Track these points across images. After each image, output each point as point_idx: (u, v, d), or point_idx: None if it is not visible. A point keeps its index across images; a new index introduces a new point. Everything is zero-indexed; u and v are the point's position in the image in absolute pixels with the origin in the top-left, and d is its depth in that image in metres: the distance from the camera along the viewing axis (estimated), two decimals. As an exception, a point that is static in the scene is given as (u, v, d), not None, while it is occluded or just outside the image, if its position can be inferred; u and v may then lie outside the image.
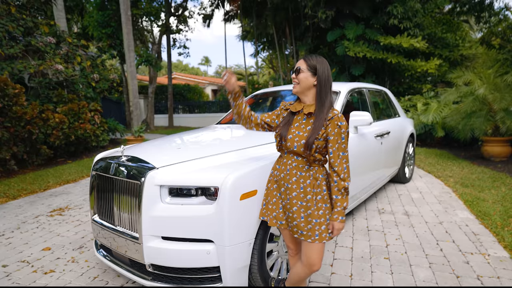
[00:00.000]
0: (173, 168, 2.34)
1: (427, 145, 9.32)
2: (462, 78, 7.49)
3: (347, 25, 11.28)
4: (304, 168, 1.95)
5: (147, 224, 2.24)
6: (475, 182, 5.30)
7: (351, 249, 3.22)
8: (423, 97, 9.94)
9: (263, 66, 31.08)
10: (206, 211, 2.17)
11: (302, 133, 1.93)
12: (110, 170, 2.50)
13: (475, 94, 6.81)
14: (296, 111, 2.01)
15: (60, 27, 10.06)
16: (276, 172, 2.08)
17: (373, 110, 4.49)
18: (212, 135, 3.51)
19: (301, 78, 1.94)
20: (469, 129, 6.78)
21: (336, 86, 3.92)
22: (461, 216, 3.96)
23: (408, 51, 10.78)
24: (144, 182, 2.25)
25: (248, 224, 2.26)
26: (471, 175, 5.81)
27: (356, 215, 4.11)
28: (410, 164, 5.69)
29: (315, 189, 1.93)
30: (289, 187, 1.97)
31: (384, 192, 5.03)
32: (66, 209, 4.61)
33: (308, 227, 1.93)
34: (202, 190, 2.29)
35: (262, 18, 17.76)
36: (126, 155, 2.58)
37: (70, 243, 3.52)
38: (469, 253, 3.04)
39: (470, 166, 6.53)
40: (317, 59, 1.96)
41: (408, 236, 3.46)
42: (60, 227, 3.95)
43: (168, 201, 2.27)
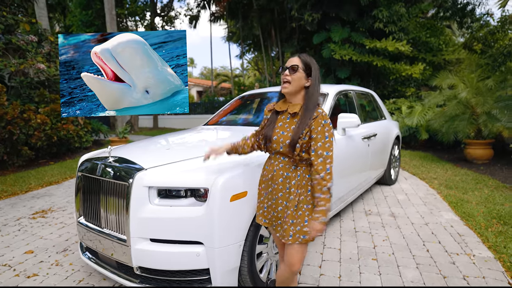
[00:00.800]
0: (162, 169, 2.31)
1: (412, 147, 9.49)
2: (446, 82, 7.65)
3: (333, 28, 11.37)
4: (290, 169, 1.91)
5: (135, 226, 2.20)
6: (459, 184, 5.41)
7: (339, 251, 3.23)
8: (408, 100, 10.11)
9: (249, 68, 31.10)
10: (195, 213, 2.15)
11: (286, 132, 1.90)
12: (97, 171, 2.45)
13: (459, 97, 6.97)
14: (281, 110, 1.97)
15: (42, 25, 9.84)
16: (265, 172, 2.06)
17: (360, 113, 4.53)
18: (200, 136, 3.48)
19: (295, 77, 1.87)
20: (452, 132, 6.92)
21: (324, 88, 3.92)
22: (446, 217, 4.04)
23: (393, 54, 10.94)
24: (132, 184, 2.21)
25: (238, 226, 2.24)
26: (455, 177, 5.94)
27: (344, 217, 4.13)
28: (396, 166, 5.77)
29: (299, 189, 1.89)
30: (275, 187, 1.95)
31: (371, 194, 5.08)
32: (49, 211, 4.50)
33: (284, 227, 1.90)
34: (192, 192, 2.26)
35: (248, 19, 17.78)
36: (113, 156, 2.52)
37: (53, 246, 3.43)
38: (454, 254, 3.09)
39: (453, 168, 6.67)
40: (311, 59, 1.92)
41: (395, 237, 3.50)
42: (43, 230, 3.86)
43: (156, 203, 2.24)
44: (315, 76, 1.90)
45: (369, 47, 10.54)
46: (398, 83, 11.84)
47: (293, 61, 1.88)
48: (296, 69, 1.86)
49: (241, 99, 4.61)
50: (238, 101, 4.58)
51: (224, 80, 27.97)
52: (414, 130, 8.89)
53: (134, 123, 17.65)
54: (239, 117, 4.38)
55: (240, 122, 4.22)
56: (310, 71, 1.90)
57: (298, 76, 1.87)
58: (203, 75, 48.73)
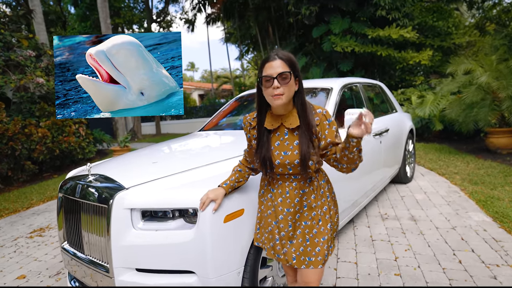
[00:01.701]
0: (145, 188, 2.00)
1: (425, 139, 8.94)
2: (462, 67, 7.10)
3: (333, 19, 10.93)
4: (306, 184, 1.61)
5: (118, 254, 1.90)
6: (484, 179, 4.89)
7: (356, 265, 2.82)
8: (417, 90, 9.59)
9: (249, 68, 30.77)
10: (184, 237, 1.83)
11: (290, 152, 1.55)
12: (76, 192, 2.16)
13: (478, 82, 6.40)
14: (273, 128, 1.59)
15: (39, 40, 9.84)
16: (270, 195, 1.69)
17: (369, 107, 4.10)
18: (193, 144, 3.14)
19: (287, 87, 1.48)
20: (472, 120, 6.39)
21: (328, 83, 3.56)
22: (476, 219, 3.56)
23: (398, 42, 10.44)
24: (112, 205, 1.92)
25: (236, 250, 1.91)
26: (479, 170, 5.42)
27: (357, 223, 3.70)
28: (411, 162, 5.30)
29: (319, 201, 1.61)
30: (290, 211, 1.60)
31: (385, 195, 4.63)
32: (46, 229, 4.33)
33: (316, 250, 1.57)
34: (180, 212, 1.94)
35: (245, 19, 17.52)
36: (93, 173, 2.24)
37: (47, 268, 3.22)
38: (494, 265, 2.63)
39: (475, 161, 6.13)
40: (289, 54, 1.53)
41: (419, 246, 3.06)
42: (38, 251, 3.66)
43: (140, 227, 1.93)
44: (299, 73, 1.55)
45: (371, 37, 10.08)
46: (405, 72, 11.32)
47: (278, 66, 1.47)
48: (287, 77, 1.48)
49: (238, 100, 4.22)
50: (236, 102, 4.20)
51: (225, 82, 27.68)
52: (427, 121, 8.36)
53: (137, 131, 17.40)
54: (237, 120, 4.00)
55: (239, 125, 3.85)
56: (297, 71, 1.52)
57: (291, 84, 1.50)
58: (204, 78, 48.59)
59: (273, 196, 1.66)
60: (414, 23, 10.57)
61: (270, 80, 1.47)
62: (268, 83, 1.48)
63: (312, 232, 1.58)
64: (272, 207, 1.67)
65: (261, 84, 1.53)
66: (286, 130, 1.58)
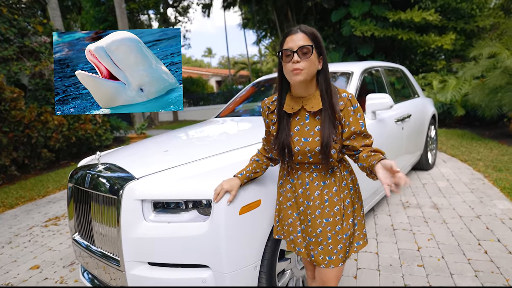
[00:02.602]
0: (157, 178, 1.92)
1: (446, 125, 8.70)
2: (486, 50, 6.82)
3: (352, 3, 10.63)
4: (327, 175, 1.51)
5: (129, 247, 1.84)
6: (509, 165, 4.72)
7: (377, 255, 2.76)
8: (439, 74, 9.29)
9: (267, 53, 30.38)
10: (198, 230, 1.76)
11: (311, 138, 1.45)
12: (86, 182, 2.10)
13: (503, 66, 6.15)
14: (293, 111, 1.48)
15: (54, 26, 9.78)
16: (290, 186, 1.61)
17: (391, 91, 3.98)
18: (208, 131, 3.07)
19: (309, 63, 1.36)
20: (496, 105, 6.18)
21: (348, 66, 3.45)
22: (501, 207, 3.44)
23: (420, 26, 10.09)
24: (122, 196, 1.85)
25: (252, 243, 1.83)
26: (503, 157, 5.24)
27: (378, 211, 3.63)
28: (433, 148, 5.15)
29: (342, 193, 1.51)
30: (310, 205, 1.52)
31: (407, 182, 4.52)
32: (62, 218, 4.33)
33: (338, 248, 1.49)
34: (194, 203, 1.86)
35: (263, 3, 17.14)
36: (103, 162, 2.18)
37: (61, 258, 3.20)
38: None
39: (499, 147, 5.93)
40: (313, 29, 1.42)
41: (442, 235, 2.98)
42: (53, 240, 3.65)
43: (152, 219, 1.86)
44: (324, 51, 1.43)
45: (392, 20, 9.76)
46: (426, 56, 10.96)
47: (299, 39, 1.36)
48: (309, 51, 1.36)
49: (255, 85, 4.16)
50: (252, 88, 4.13)
51: (242, 68, 27.43)
52: (449, 106, 8.12)
53: (154, 118, 17.54)
54: (254, 106, 3.94)
55: (255, 111, 3.80)
56: (320, 47, 1.40)
57: (312, 60, 1.37)
58: (222, 64, 48.31)
59: (293, 187, 1.59)
60: (436, 5, 10.16)
61: (290, 54, 1.35)
62: (288, 58, 1.37)
63: (335, 229, 1.49)
64: (293, 198, 1.60)
65: (281, 59, 1.41)
66: (307, 114, 1.47)
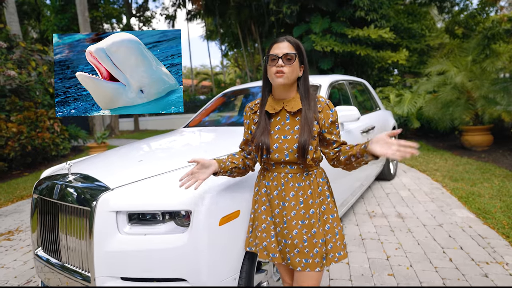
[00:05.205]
0: (132, 188, 1.84)
1: (403, 137, 9.11)
2: (437, 68, 7.28)
3: (313, 19, 10.97)
4: (302, 177, 1.54)
5: (101, 261, 1.73)
6: (464, 175, 5.02)
7: (348, 265, 2.77)
8: (395, 89, 9.77)
9: (229, 65, 30.56)
10: (176, 242, 1.68)
11: (290, 136, 1.52)
12: (54, 194, 1.97)
13: (453, 82, 6.59)
14: (275, 112, 1.57)
15: (11, 31, 9.26)
16: (264, 189, 1.62)
17: (355, 104, 4.09)
18: (180, 141, 2.98)
19: (291, 69, 1.49)
20: (448, 118, 6.57)
21: (316, 79, 3.52)
22: (460, 215, 3.62)
23: (376, 42, 10.61)
24: (96, 208, 1.75)
25: (231, 255, 1.79)
26: (457, 167, 5.56)
27: (346, 221, 3.67)
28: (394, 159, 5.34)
29: (317, 199, 1.54)
30: (285, 206, 1.53)
31: (371, 192, 4.65)
32: (16, 232, 4.01)
33: (314, 251, 1.48)
34: (171, 214, 1.79)
35: (226, 16, 17.31)
36: (74, 172, 2.06)
37: (15, 277, 2.95)
38: (484, 263, 2.65)
39: (453, 158, 6.30)
40: (298, 41, 1.55)
41: (409, 244, 3.06)
42: (6, 256, 3.38)
43: (127, 231, 1.77)
44: (305, 58, 1.56)
45: (351, 36, 10.17)
46: (382, 71, 11.50)
47: (284, 47, 1.50)
48: (292, 58, 1.49)
49: (224, 96, 4.11)
50: (221, 98, 4.08)
51: (205, 79, 27.36)
52: (405, 119, 8.53)
53: (114, 127, 16.84)
54: (223, 116, 3.90)
55: (224, 121, 3.75)
56: (303, 56, 1.54)
57: (294, 67, 1.51)
58: (184, 74, 47.87)
59: (268, 190, 1.60)
60: (390, 24, 10.77)
61: (275, 59, 1.49)
62: (273, 62, 1.50)
63: (311, 232, 1.50)
64: (267, 202, 1.60)
65: (267, 63, 1.54)
66: (288, 114, 1.56)
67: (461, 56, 7.33)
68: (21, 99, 8.09)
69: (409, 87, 9.72)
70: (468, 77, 6.55)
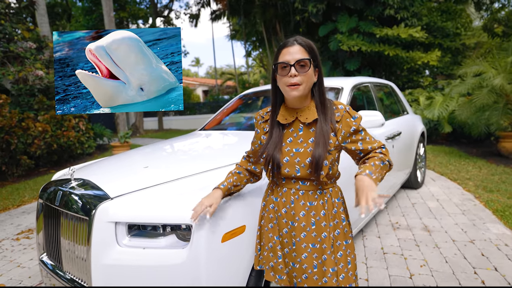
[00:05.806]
0: (133, 198, 1.75)
1: (433, 142, 8.70)
2: (473, 69, 6.84)
3: (340, 18, 10.69)
4: (315, 195, 1.37)
5: (98, 275, 1.65)
6: (500, 186, 4.64)
7: (367, 282, 2.58)
8: (426, 91, 9.33)
9: (254, 65, 30.54)
10: (174, 259, 1.57)
11: (303, 149, 1.34)
12: (56, 200, 1.93)
13: (490, 85, 6.15)
14: (287, 122, 1.39)
15: (41, 32, 9.74)
16: (272, 205, 1.47)
17: (381, 108, 3.86)
18: (191, 146, 2.90)
19: (306, 76, 1.31)
20: (483, 123, 6.16)
21: (338, 82, 3.33)
22: (495, 231, 3.31)
23: (406, 42, 10.19)
24: (94, 218, 1.67)
25: (235, 274, 1.66)
26: (492, 176, 5.17)
27: (367, 233, 3.46)
28: (422, 166, 5.05)
29: (331, 221, 1.37)
30: (295, 226, 1.38)
31: (396, 201, 4.38)
32: (35, 230, 3.99)
33: (323, 281, 1.33)
34: (172, 227, 1.68)
35: (251, 16, 17.26)
36: (76, 178, 2.01)
37: (29, 277, 2.95)
38: (522, 288, 2.38)
39: (487, 166, 5.88)
40: (309, 41, 1.36)
41: (435, 262, 2.81)
42: (23, 255, 3.39)
43: (126, 243, 1.67)
44: (319, 62, 1.37)
45: (379, 36, 9.82)
46: (412, 72, 11.05)
47: (296, 52, 1.30)
48: (306, 65, 1.30)
49: (242, 98, 3.99)
50: (239, 100, 3.97)
51: (229, 79, 27.48)
52: (435, 123, 8.12)
53: (139, 126, 17.18)
54: (240, 119, 3.77)
55: (242, 124, 3.62)
56: (317, 59, 1.34)
57: (310, 75, 1.32)
58: (209, 74, 48.39)
59: (275, 206, 1.45)
60: (422, 23, 10.31)
61: (286, 67, 1.30)
62: (284, 71, 1.31)
63: (321, 258, 1.34)
64: (275, 220, 1.45)
65: (276, 72, 1.35)
66: (301, 125, 1.39)
67: (500, 57, 6.83)
68: (48, 99, 8.30)
69: (441, 90, 9.25)
70: (507, 80, 6.08)
